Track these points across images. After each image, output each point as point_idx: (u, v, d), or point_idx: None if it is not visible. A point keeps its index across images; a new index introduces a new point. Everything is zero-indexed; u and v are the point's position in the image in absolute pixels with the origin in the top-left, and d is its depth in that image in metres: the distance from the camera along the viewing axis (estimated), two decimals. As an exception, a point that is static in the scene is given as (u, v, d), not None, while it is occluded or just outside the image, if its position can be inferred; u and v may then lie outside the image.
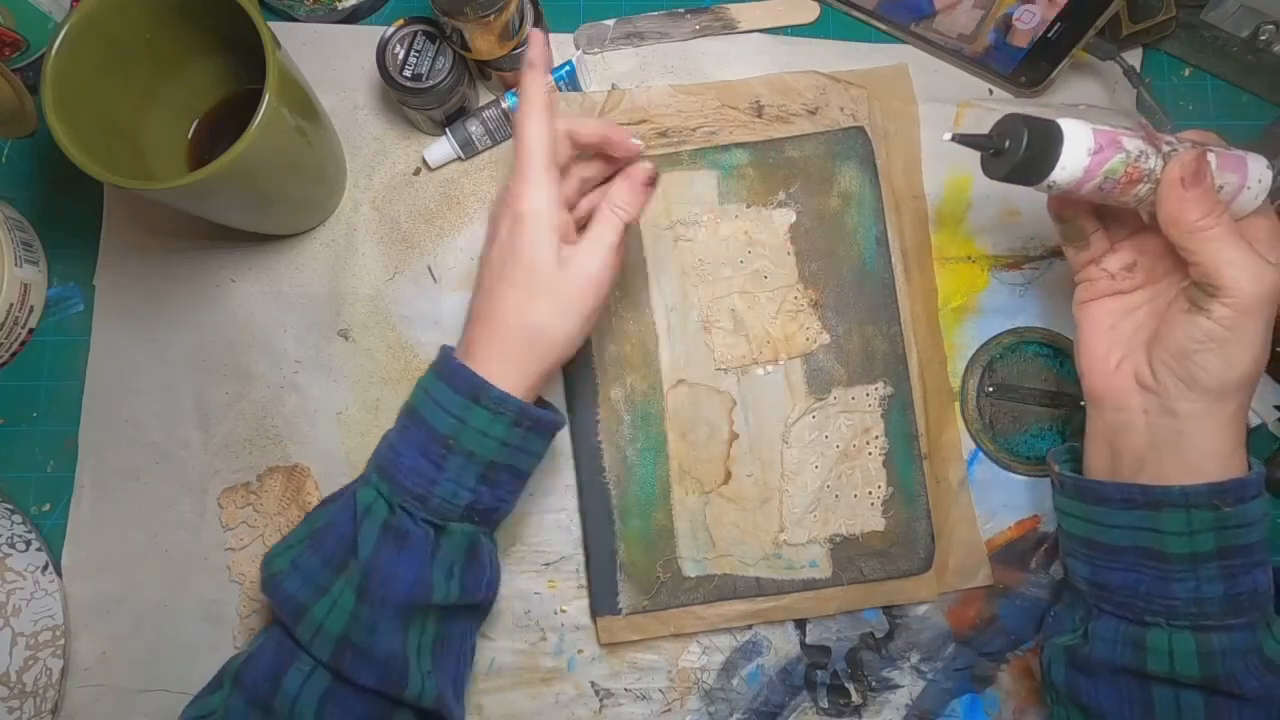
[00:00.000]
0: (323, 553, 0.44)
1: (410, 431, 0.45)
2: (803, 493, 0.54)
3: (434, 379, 0.45)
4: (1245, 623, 0.42)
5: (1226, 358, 0.41)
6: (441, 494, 0.44)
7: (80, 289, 0.58)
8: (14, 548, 0.53)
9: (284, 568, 0.44)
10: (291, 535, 0.47)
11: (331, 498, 0.47)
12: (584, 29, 0.61)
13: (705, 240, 0.57)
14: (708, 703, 0.54)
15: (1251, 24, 0.57)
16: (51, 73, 0.44)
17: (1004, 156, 0.42)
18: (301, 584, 0.43)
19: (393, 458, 0.44)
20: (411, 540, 0.43)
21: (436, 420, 0.44)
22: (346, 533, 0.44)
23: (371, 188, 0.59)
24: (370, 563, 0.43)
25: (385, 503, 0.44)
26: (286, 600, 0.43)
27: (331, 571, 0.43)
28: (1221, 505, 0.42)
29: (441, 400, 0.44)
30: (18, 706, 0.51)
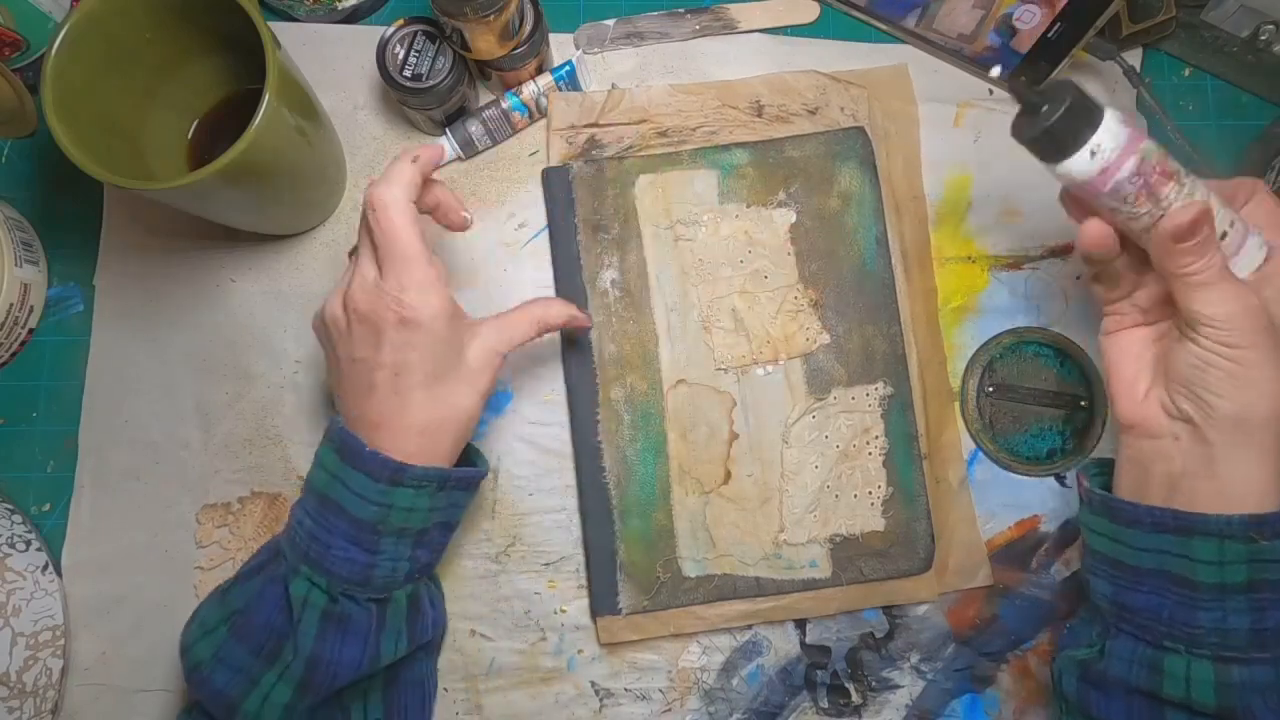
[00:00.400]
0: (249, 643, 0.43)
1: (332, 522, 0.43)
2: (803, 493, 0.54)
3: (343, 466, 0.43)
4: (1269, 658, 0.41)
5: (1234, 384, 0.40)
6: (381, 574, 0.44)
7: (80, 289, 0.58)
8: (14, 548, 0.53)
9: (206, 658, 0.43)
10: (206, 613, 0.45)
11: (247, 573, 0.46)
12: (584, 29, 0.61)
13: (705, 240, 0.57)
14: (708, 703, 0.54)
15: (1251, 24, 0.57)
16: (51, 73, 0.44)
17: (1037, 118, 0.40)
18: (230, 677, 0.42)
19: (320, 550, 0.43)
20: (355, 622, 0.43)
21: (360, 510, 0.43)
22: (275, 623, 0.43)
23: (371, 188, 0.59)
24: (314, 655, 0.42)
25: (323, 593, 0.43)
26: (215, 695, 0.42)
27: (261, 663, 0.42)
28: (1259, 538, 0.40)
29: (360, 490, 0.43)
30: (18, 706, 0.51)
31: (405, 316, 0.42)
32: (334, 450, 0.44)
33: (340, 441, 0.43)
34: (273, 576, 0.44)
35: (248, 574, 0.46)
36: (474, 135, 0.57)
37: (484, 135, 0.58)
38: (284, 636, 0.43)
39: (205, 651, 0.43)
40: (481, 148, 0.59)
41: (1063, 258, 0.59)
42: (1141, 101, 0.59)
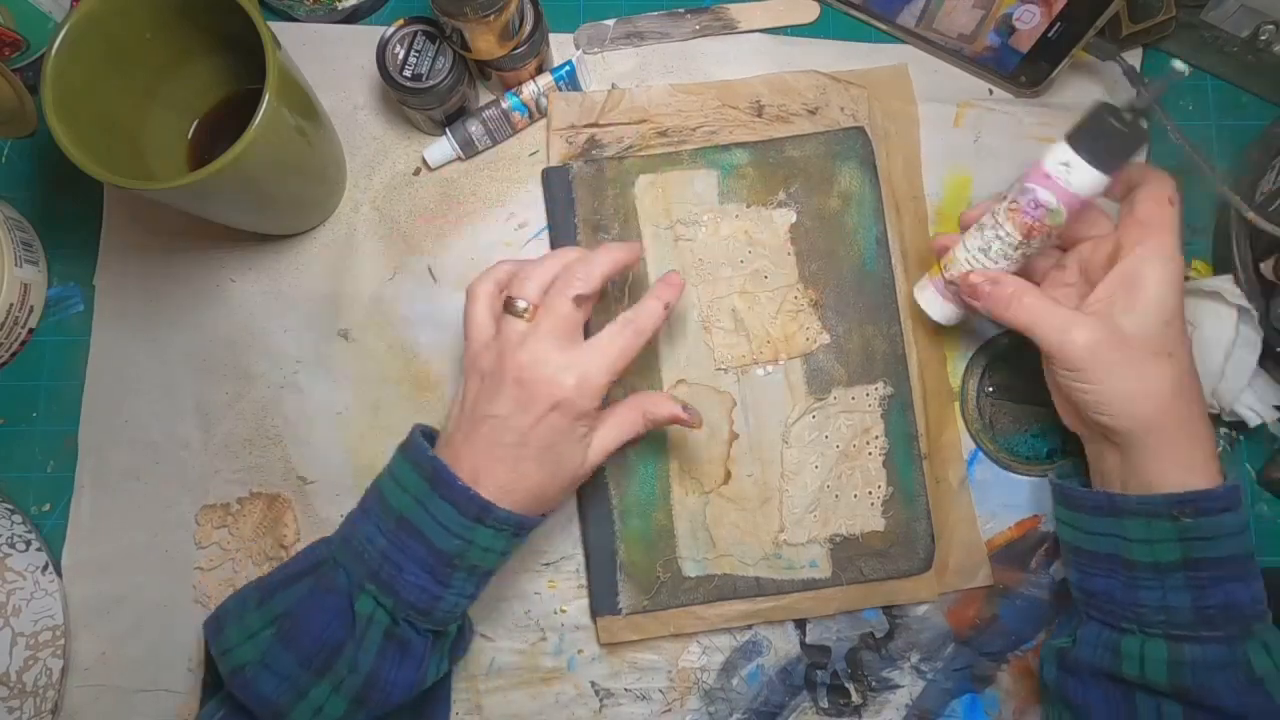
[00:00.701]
0: (298, 652, 0.42)
1: (410, 547, 0.43)
2: (803, 493, 0.54)
3: (431, 494, 0.44)
4: (1221, 636, 0.43)
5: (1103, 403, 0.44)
6: (445, 607, 0.45)
7: (80, 289, 0.58)
8: (14, 548, 0.53)
9: (251, 661, 0.43)
10: (244, 613, 0.44)
11: (290, 577, 0.45)
12: (584, 29, 0.61)
13: (705, 240, 0.57)
14: (708, 703, 0.54)
15: (1251, 24, 0.57)
16: (51, 73, 0.44)
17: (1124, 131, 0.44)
18: (277, 685, 0.42)
19: (392, 572, 0.43)
20: (412, 647, 0.44)
21: (442, 542, 0.43)
22: (329, 635, 0.43)
23: (371, 188, 0.59)
24: (374, 673, 0.43)
25: (388, 614, 0.43)
26: (260, 700, 0.42)
27: (311, 675, 0.42)
28: (1180, 516, 0.43)
29: (445, 521, 0.43)
30: (18, 706, 0.51)
31: (570, 403, 0.44)
32: (422, 477, 0.44)
33: (432, 470, 0.44)
34: (328, 586, 0.44)
35: (291, 578, 0.45)
36: (474, 135, 0.57)
37: (484, 135, 0.58)
38: (337, 650, 0.42)
39: (249, 655, 0.43)
40: (481, 148, 0.59)
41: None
42: (1141, 101, 0.59)
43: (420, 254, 0.58)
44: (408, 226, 0.58)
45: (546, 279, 0.47)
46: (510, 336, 0.45)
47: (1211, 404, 0.54)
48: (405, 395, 0.57)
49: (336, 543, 0.45)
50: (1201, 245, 0.60)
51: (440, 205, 0.59)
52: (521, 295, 0.46)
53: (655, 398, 0.49)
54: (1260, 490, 0.57)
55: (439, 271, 0.58)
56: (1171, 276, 0.44)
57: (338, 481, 0.56)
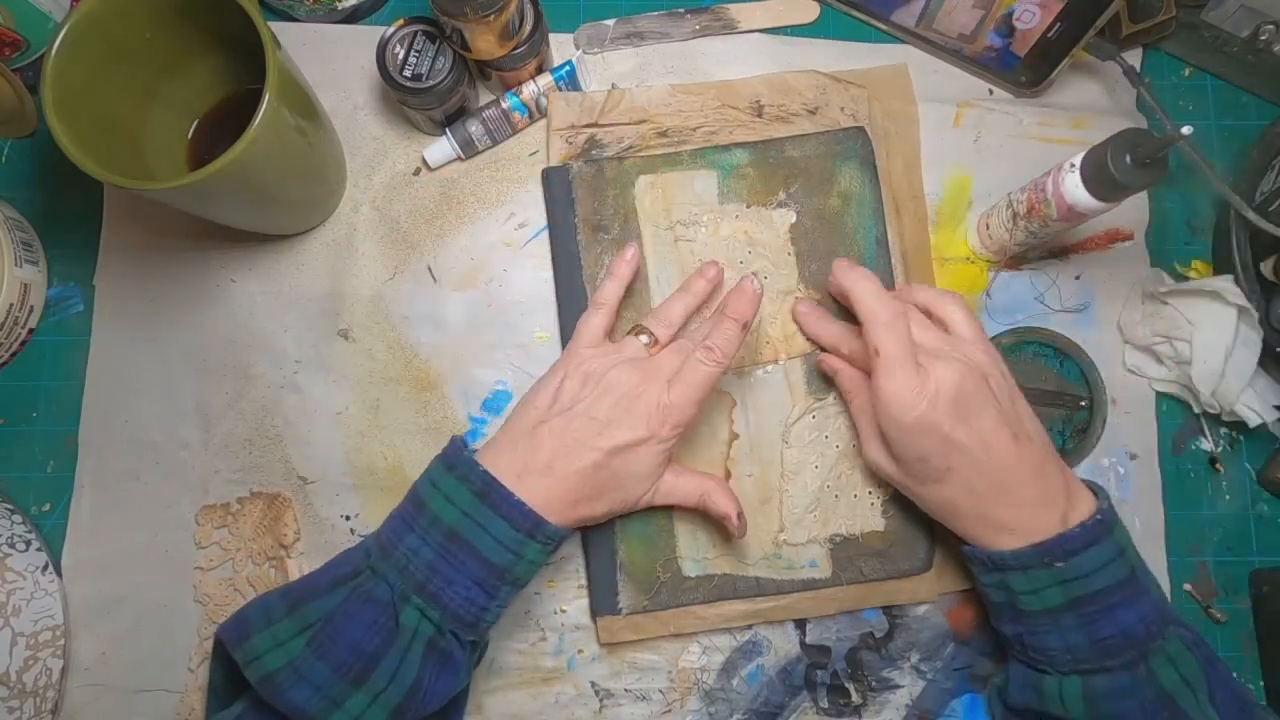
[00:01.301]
0: (332, 661, 0.42)
1: (462, 560, 0.44)
2: (803, 493, 0.54)
3: (483, 509, 0.44)
4: (1122, 663, 0.44)
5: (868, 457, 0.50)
6: (489, 619, 0.45)
7: (80, 289, 0.58)
8: (14, 548, 0.53)
9: (280, 667, 0.42)
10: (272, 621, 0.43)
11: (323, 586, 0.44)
12: (584, 29, 0.61)
13: (705, 240, 0.57)
14: (708, 703, 0.54)
15: (1251, 24, 0.57)
16: (51, 73, 0.44)
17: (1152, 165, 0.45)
18: (310, 694, 0.41)
19: (441, 584, 0.43)
20: (454, 660, 0.44)
21: (495, 556, 0.44)
22: (367, 645, 0.42)
23: (371, 188, 0.59)
24: (417, 684, 0.43)
25: (433, 625, 0.43)
26: (293, 708, 0.41)
27: (347, 684, 0.42)
28: (1052, 563, 0.44)
29: (499, 535, 0.44)
30: (18, 706, 0.51)
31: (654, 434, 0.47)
32: (472, 491, 0.45)
33: (483, 484, 0.45)
34: (367, 596, 0.43)
35: (325, 587, 0.44)
36: (474, 135, 0.57)
37: (484, 135, 0.58)
38: (374, 660, 0.42)
39: (278, 662, 0.42)
40: (481, 148, 0.59)
41: (1062, 258, 0.59)
42: (1141, 101, 0.59)
43: (420, 254, 0.58)
44: (408, 226, 0.58)
45: (680, 318, 0.52)
46: (629, 354, 0.49)
47: (1211, 404, 0.54)
48: (405, 395, 0.57)
49: (376, 553, 0.45)
50: (1201, 245, 0.60)
51: (440, 205, 0.59)
52: (652, 329, 0.50)
53: (721, 492, 0.50)
54: (1260, 490, 0.57)
55: (439, 271, 0.58)
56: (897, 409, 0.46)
57: (338, 481, 0.56)
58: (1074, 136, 0.59)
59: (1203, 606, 0.56)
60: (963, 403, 0.45)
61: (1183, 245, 0.60)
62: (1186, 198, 0.60)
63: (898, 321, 0.46)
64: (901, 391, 0.45)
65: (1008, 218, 0.54)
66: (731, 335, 0.48)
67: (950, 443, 0.45)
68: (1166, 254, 0.59)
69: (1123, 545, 0.45)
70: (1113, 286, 0.58)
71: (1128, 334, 0.57)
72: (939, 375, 0.45)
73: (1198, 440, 0.58)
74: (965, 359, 0.46)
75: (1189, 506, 0.57)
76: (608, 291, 0.52)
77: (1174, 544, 0.56)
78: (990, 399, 0.46)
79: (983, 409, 0.45)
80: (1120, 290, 0.58)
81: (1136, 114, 0.60)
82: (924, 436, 0.45)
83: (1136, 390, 0.57)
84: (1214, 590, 0.56)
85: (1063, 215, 0.49)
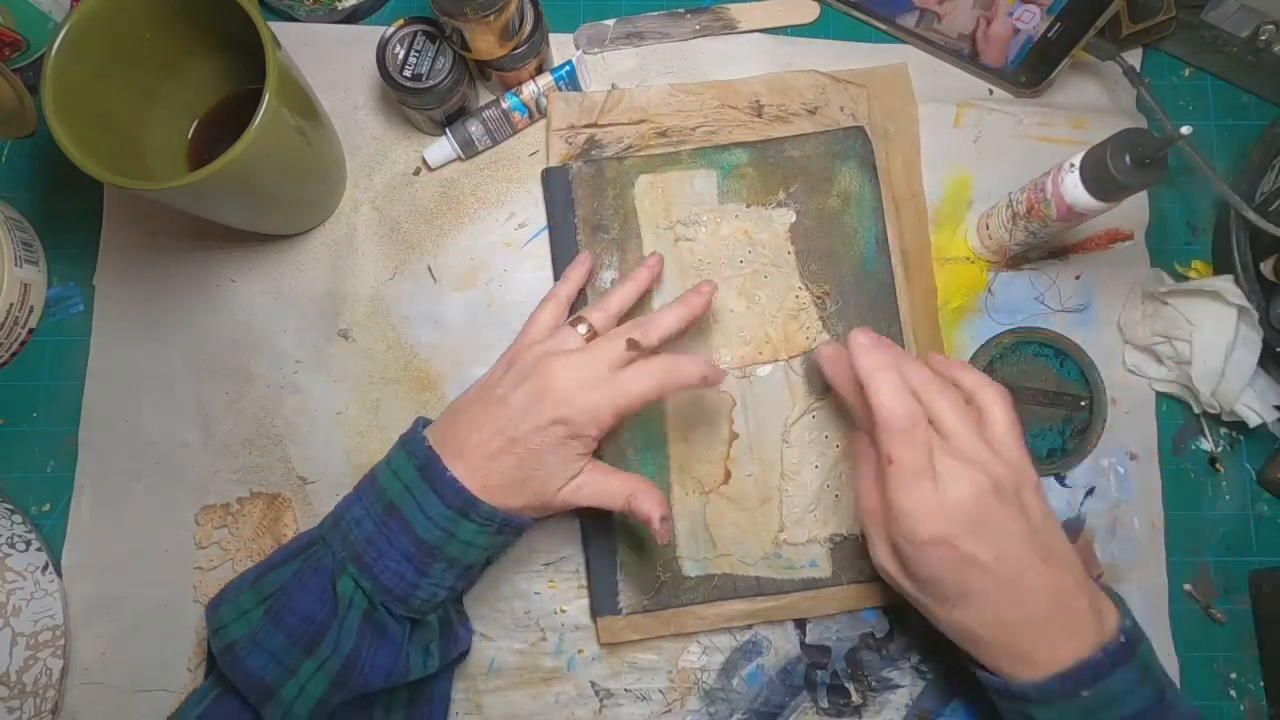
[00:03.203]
0: (286, 629, 0.43)
1: (393, 533, 0.44)
2: (803, 492, 0.54)
3: (420, 482, 0.44)
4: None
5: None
6: (422, 596, 0.45)
7: (80, 289, 0.58)
8: (14, 548, 0.53)
9: (240, 638, 0.44)
10: (239, 593, 0.45)
11: (283, 558, 0.46)
12: (584, 29, 0.61)
13: (705, 240, 0.57)
14: (708, 703, 0.54)
15: (1251, 24, 0.57)
16: (51, 73, 0.44)
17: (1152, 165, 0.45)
18: (266, 662, 0.43)
19: (374, 555, 0.44)
20: (389, 631, 0.44)
21: (425, 531, 0.44)
22: (317, 614, 0.43)
23: (371, 188, 0.59)
24: (353, 654, 0.43)
25: (365, 597, 0.44)
26: (250, 678, 0.43)
27: (299, 652, 0.43)
28: (1078, 692, 0.41)
29: (430, 511, 0.44)
30: (18, 706, 0.51)
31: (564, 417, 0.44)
32: (414, 465, 0.45)
33: (425, 458, 0.45)
34: (315, 565, 0.45)
35: (284, 558, 0.46)
36: (474, 135, 0.57)
37: (484, 135, 0.58)
38: (323, 628, 0.43)
39: (239, 632, 0.44)
40: (481, 148, 0.59)
41: (1062, 258, 0.59)
42: (1141, 101, 0.59)
43: (420, 254, 0.58)
44: (408, 226, 0.58)
45: (618, 310, 0.51)
46: (560, 344, 0.48)
47: (1211, 404, 0.54)
48: (405, 395, 0.57)
49: (328, 524, 0.46)
50: (1201, 245, 0.60)
51: (440, 205, 0.59)
52: (589, 319, 0.49)
53: (648, 493, 0.47)
54: (1260, 490, 0.57)
55: (439, 271, 0.58)
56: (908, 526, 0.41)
57: (338, 481, 0.56)
58: (1074, 136, 0.59)
59: (1203, 606, 0.56)
60: (985, 520, 0.41)
61: (1183, 245, 0.60)
62: (1186, 198, 0.60)
63: (917, 431, 0.41)
64: (917, 508, 0.41)
65: (1007, 218, 0.54)
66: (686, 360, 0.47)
67: (968, 564, 0.41)
68: (1166, 254, 0.59)
69: (1147, 662, 0.42)
70: (1113, 286, 0.58)
71: (1128, 334, 0.57)
72: (961, 489, 0.40)
73: (1198, 440, 0.58)
74: (994, 467, 0.41)
75: (1189, 506, 0.57)
76: (559, 288, 0.53)
77: (1174, 544, 0.56)
78: (1018, 516, 0.41)
79: (1009, 528, 0.41)
80: (1120, 290, 0.58)
81: (1136, 114, 0.60)
82: (939, 556, 0.41)
83: (1136, 390, 0.57)
84: (1214, 590, 0.56)
85: (1062, 215, 0.49)
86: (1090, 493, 0.56)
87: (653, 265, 0.53)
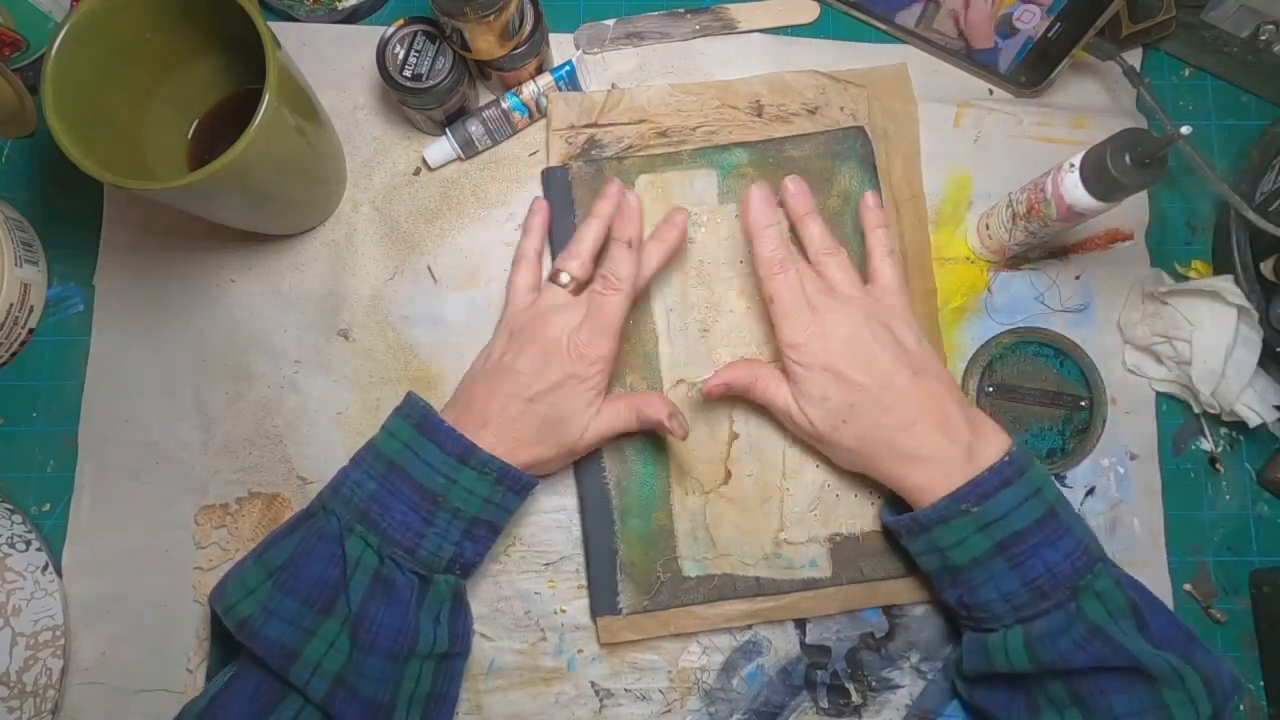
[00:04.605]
0: (298, 595, 0.44)
1: (397, 486, 0.46)
2: (803, 492, 0.54)
3: (419, 438, 0.47)
4: (1056, 603, 0.44)
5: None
6: (429, 547, 0.46)
7: (80, 289, 0.58)
8: (14, 548, 0.53)
9: (254, 612, 0.44)
10: (245, 573, 0.46)
11: (282, 533, 0.48)
12: (584, 29, 0.61)
13: (705, 240, 0.57)
14: (708, 703, 0.54)
15: (1251, 24, 0.57)
16: (51, 73, 0.44)
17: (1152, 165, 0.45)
18: (284, 628, 0.44)
19: (380, 511, 0.46)
20: (397, 588, 0.45)
21: (427, 479, 0.46)
22: (327, 577, 0.45)
23: (371, 188, 0.59)
24: (361, 611, 0.44)
25: (375, 553, 0.45)
26: (271, 645, 0.44)
27: (315, 614, 0.44)
28: (969, 509, 0.45)
29: (431, 460, 0.47)
30: (18, 706, 0.51)
31: (576, 372, 0.48)
32: (411, 424, 0.48)
33: (421, 416, 0.48)
34: (320, 533, 0.46)
35: (283, 533, 0.47)
36: (474, 135, 0.57)
37: (484, 135, 0.58)
38: (336, 590, 0.44)
39: (251, 607, 0.45)
40: (481, 148, 0.59)
41: (1062, 258, 0.59)
42: (1141, 101, 0.59)
43: (420, 254, 0.58)
44: (408, 226, 0.58)
45: (591, 251, 0.52)
46: (549, 303, 0.51)
47: (1211, 404, 0.54)
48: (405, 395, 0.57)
49: (327, 493, 0.48)
50: (1201, 245, 0.60)
51: (440, 205, 0.59)
52: (565, 268, 0.52)
53: (649, 399, 0.50)
54: (1260, 490, 0.57)
55: (439, 271, 0.58)
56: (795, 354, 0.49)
57: (338, 481, 0.56)
58: (1074, 136, 0.59)
59: (1203, 606, 0.56)
60: (860, 343, 0.48)
61: (1183, 245, 0.60)
62: (1186, 198, 0.60)
63: (788, 273, 0.49)
64: (798, 338, 0.49)
65: (1007, 218, 0.54)
66: (622, 258, 0.49)
67: (848, 382, 0.48)
68: (1166, 254, 0.59)
69: (1038, 485, 0.46)
70: (1113, 286, 0.58)
71: (1128, 334, 0.57)
72: (833, 319, 0.48)
73: (1198, 440, 0.58)
74: (865, 303, 0.50)
75: (1189, 506, 0.57)
76: (524, 246, 0.55)
77: (1174, 544, 0.56)
78: (889, 342, 0.49)
79: (879, 351, 0.48)
80: (1120, 290, 0.58)
81: (1136, 114, 0.60)
82: (824, 375, 0.48)
83: (1136, 390, 0.58)
84: (1214, 590, 0.56)
85: (1062, 215, 0.49)
86: (1090, 493, 0.56)
87: (612, 194, 0.52)
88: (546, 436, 0.49)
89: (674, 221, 0.53)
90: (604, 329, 0.49)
